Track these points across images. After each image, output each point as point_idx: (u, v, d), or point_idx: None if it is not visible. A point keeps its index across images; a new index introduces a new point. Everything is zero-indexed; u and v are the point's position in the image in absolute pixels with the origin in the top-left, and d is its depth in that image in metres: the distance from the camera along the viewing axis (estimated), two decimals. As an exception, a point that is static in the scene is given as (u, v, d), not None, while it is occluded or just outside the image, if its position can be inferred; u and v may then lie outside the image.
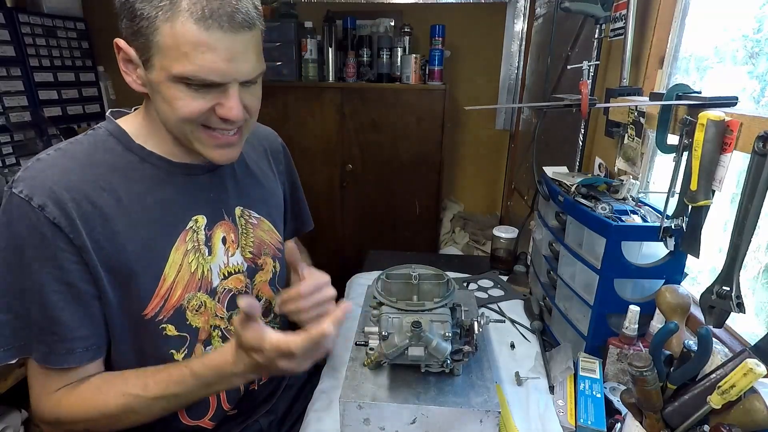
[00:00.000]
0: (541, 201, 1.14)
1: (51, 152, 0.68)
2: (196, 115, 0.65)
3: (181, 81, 0.62)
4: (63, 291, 0.65)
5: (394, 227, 2.38)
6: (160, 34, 0.59)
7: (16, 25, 2.05)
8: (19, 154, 2.06)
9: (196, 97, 0.63)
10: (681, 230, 0.79)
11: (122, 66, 0.67)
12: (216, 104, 0.65)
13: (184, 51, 0.59)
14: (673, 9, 1.07)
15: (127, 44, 0.64)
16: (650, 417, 0.67)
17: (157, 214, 0.71)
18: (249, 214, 0.85)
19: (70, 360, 0.67)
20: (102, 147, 0.70)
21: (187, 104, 0.63)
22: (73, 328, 0.66)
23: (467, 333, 0.78)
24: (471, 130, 2.66)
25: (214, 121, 0.67)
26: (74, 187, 0.65)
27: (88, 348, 0.68)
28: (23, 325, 0.66)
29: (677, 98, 0.79)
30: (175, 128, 0.67)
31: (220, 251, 0.79)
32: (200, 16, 0.58)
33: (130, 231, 0.68)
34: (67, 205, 0.63)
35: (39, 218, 0.62)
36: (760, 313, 0.85)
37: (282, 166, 0.99)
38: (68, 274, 0.65)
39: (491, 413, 0.70)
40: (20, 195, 0.62)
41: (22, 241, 0.63)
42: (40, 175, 0.64)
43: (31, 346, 0.67)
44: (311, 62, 2.19)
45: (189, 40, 0.59)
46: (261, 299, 0.88)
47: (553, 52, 1.56)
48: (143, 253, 0.69)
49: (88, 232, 0.65)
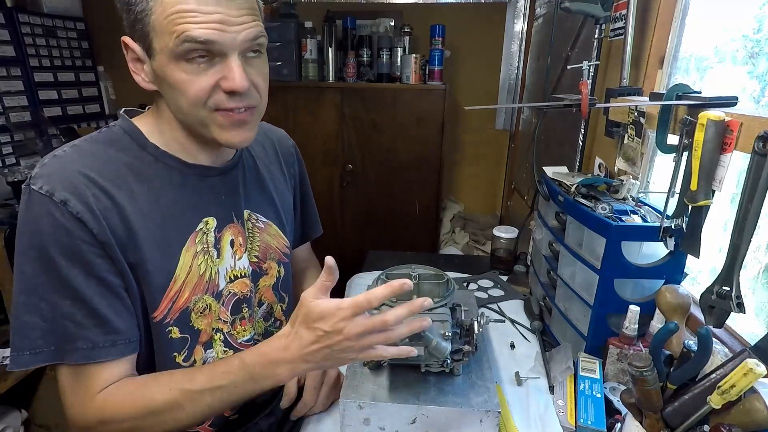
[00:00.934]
0: (541, 201, 1.14)
1: (67, 149, 0.67)
2: (203, 93, 0.64)
3: (182, 58, 0.61)
4: (95, 285, 0.63)
5: (394, 227, 2.38)
6: (153, 13, 0.60)
7: (16, 25, 2.04)
8: (19, 154, 2.06)
9: (198, 72, 0.63)
10: (681, 230, 0.79)
11: (131, 66, 0.67)
12: (220, 78, 0.64)
13: (176, 22, 0.59)
14: (673, 9, 1.07)
15: (132, 40, 0.64)
16: (650, 417, 0.67)
17: (169, 215, 0.70)
18: (256, 217, 0.85)
19: (114, 353, 0.65)
20: (117, 145, 0.70)
21: (192, 82, 0.63)
22: (113, 320, 0.65)
23: (467, 333, 0.78)
24: (471, 130, 2.66)
25: (223, 99, 0.65)
26: (93, 182, 0.64)
27: (130, 340, 0.67)
28: (54, 328, 0.63)
29: (677, 98, 0.79)
30: (188, 116, 0.67)
31: (228, 254, 0.78)
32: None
33: (144, 229, 0.67)
34: (89, 200, 0.62)
35: (63, 213, 0.61)
36: (760, 313, 0.85)
37: (293, 169, 0.98)
38: (97, 268, 0.63)
39: (491, 413, 0.70)
40: (40, 191, 0.61)
41: (47, 238, 0.61)
42: (58, 171, 0.63)
43: (65, 350, 0.64)
44: (311, 62, 2.19)
45: (178, 9, 0.59)
46: (263, 304, 0.88)
47: (553, 52, 1.57)
48: (156, 252, 0.68)
49: (110, 227, 0.64)
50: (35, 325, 0.63)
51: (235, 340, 0.81)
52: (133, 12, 0.61)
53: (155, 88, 0.67)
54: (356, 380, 0.77)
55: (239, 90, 0.64)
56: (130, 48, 0.65)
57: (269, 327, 0.90)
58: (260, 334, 0.87)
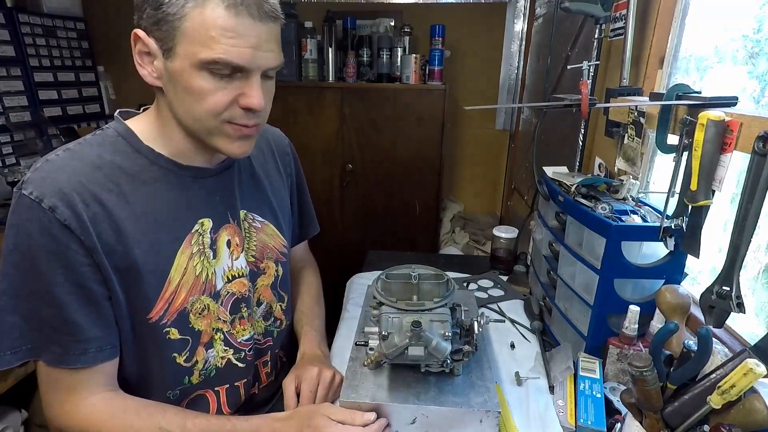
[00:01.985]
0: (541, 201, 1.14)
1: (60, 153, 0.67)
2: (221, 106, 0.65)
3: (206, 68, 0.62)
4: (75, 292, 0.65)
5: (394, 227, 2.38)
6: (188, 20, 0.61)
7: (16, 25, 2.04)
8: (19, 154, 2.06)
9: (219, 86, 0.64)
10: (681, 230, 0.79)
11: (137, 58, 0.66)
12: (239, 95, 0.66)
13: (212, 36, 0.60)
14: (673, 9, 1.07)
15: (146, 34, 0.64)
16: (650, 417, 0.67)
17: (164, 217, 0.71)
18: (253, 217, 0.85)
19: (83, 360, 0.67)
20: (111, 148, 0.70)
21: (212, 93, 0.64)
22: (86, 328, 0.66)
23: (467, 333, 0.78)
24: (471, 130, 2.66)
25: (237, 114, 0.67)
26: (84, 188, 0.64)
27: (102, 348, 0.68)
28: (32, 327, 0.65)
29: (677, 98, 0.79)
30: (198, 122, 0.67)
31: (225, 255, 0.79)
32: (230, 3, 0.60)
33: (137, 233, 0.68)
34: (78, 206, 0.63)
35: (50, 220, 0.62)
36: (760, 313, 0.85)
37: (289, 168, 0.98)
38: (79, 275, 0.64)
39: (491, 413, 0.70)
40: (30, 196, 0.62)
41: (33, 243, 0.62)
42: (49, 177, 0.64)
43: (41, 349, 0.66)
44: (311, 62, 2.19)
45: (218, 25, 0.60)
46: (262, 303, 0.88)
47: (553, 52, 1.56)
48: (150, 255, 0.69)
49: (98, 233, 0.64)
50: (16, 325, 0.65)
51: (235, 340, 0.81)
52: (161, 10, 0.61)
53: (160, 85, 0.67)
54: (356, 380, 0.77)
55: (257, 109, 0.67)
56: (142, 41, 0.65)
57: (269, 326, 0.90)
58: (260, 334, 0.87)
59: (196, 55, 0.61)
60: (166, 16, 0.61)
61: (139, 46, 0.65)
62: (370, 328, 0.80)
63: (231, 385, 0.82)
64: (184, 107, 0.66)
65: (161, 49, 0.64)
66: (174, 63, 0.63)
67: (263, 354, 0.89)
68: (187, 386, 0.77)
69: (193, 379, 0.77)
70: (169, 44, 0.63)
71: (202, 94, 0.64)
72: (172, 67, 0.64)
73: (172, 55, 0.63)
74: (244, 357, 0.83)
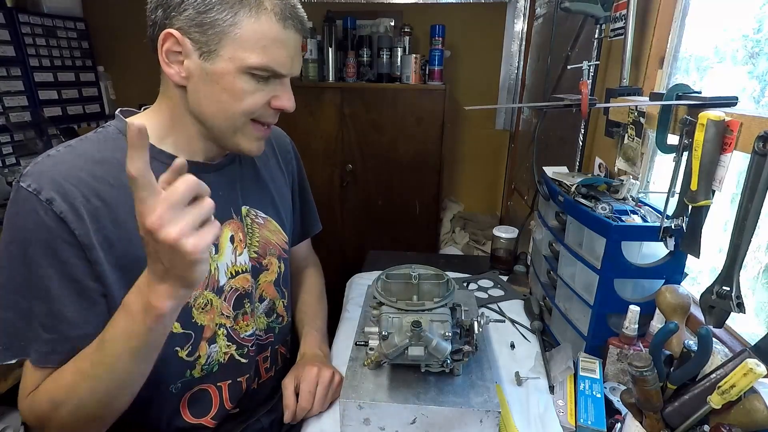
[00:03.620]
0: (541, 201, 1.14)
1: (61, 149, 0.67)
2: (258, 106, 0.70)
3: (249, 72, 0.67)
4: (68, 286, 0.64)
5: (394, 227, 2.38)
6: (240, 27, 0.65)
7: (16, 25, 2.04)
8: (19, 154, 2.06)
9: (257, 89, 0.69)
10: (681, 230, 0.79)
11: (165, 57, 0.67)
12: (272, 97, 0.72)
13: (263, 44, 0.66)
14: (673, 9, 1.07)
15: (180, 35, 0.65)
16: (650, 417, 0.67)
17: None
18: (255, 213, 0.85)
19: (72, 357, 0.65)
20: (112, 145, 0.70)
21: (251, 95, 0.69)
22: (78, 324, 0.65)
23: (467, 333, 0.78)
24: (471, 130, 2.66)
25: (268, 113, 0.73)
26: (84, 183, 0.64)
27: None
28: (25, 324, 0.64)
29: (677, 98, 0.79)
30: (226, 120, 0.70)
31: (228, 250, 0.79)
32: (281, 17, 0.66)
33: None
34: (76, 200, 0.63)
35: (46, 212, 0.61)
36: (760, 313, 0.85)
37: (291, 165, 0.99)
38: (73, 270, 0.64)
39: (491, 413, 0.70)
40: (28, 189, 0.62)
41: (29, 235, 0.62)
42: (49, 170, 0.64)
43: (29, 347, 0.65)
44: (311, 62, 2.19)
45: (270, 36, 0.66)
46: (264, 299, 0.88)
47: (553, 52, 1.56)
48: None
49: (97, 229, 0.64)
50: (10, 321, 0.64)
51: (238, 335, 0.81)
52: (211, 16, 0.63)
53: (185, 84, 0.68)
54: (356, 380, 0.77)
55: (290, 110, 0.73)
56: (174, 40, 0.65)
57: (271, 323, 0.90)
58: (262, 330, 0.87)
59: (244, 60, 0.66)
60: (215, 21, 0.64)
61: (168, 45, 0.66)
62: (370, 328, 0.80)
63: (234, 380, 0.82)
64: (218, 105, 0.69)
65: (199, 50, 0.66)
66: (216, 65, 0.66)
67: (264, 350, 0.89)
68: (189, 379, 0.77)
69: (195, 372, 0.77)
70: (212, 47, 0.65)
71: (242, 95, 0.68)
72: (212, 68, 0.66)
73: (213, 57, 0.66)
74: (247, 353, 0.83)
